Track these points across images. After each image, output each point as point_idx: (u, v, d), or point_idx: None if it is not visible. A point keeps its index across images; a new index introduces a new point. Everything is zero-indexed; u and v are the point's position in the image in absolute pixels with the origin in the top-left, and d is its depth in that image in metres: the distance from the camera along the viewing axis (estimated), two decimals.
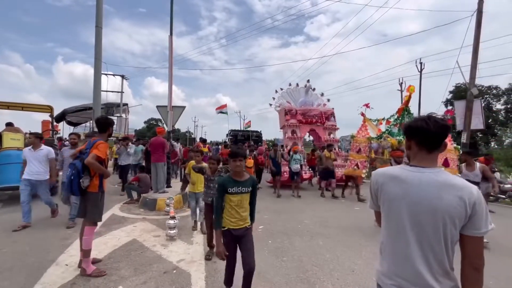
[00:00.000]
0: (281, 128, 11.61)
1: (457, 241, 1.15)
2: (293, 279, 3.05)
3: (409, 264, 1.18)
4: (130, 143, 8.24)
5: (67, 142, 9.75)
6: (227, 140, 20.04)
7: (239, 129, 27.54)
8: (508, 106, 27.67)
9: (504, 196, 8.32)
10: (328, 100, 12.74)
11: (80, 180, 2.84)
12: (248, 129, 25.57)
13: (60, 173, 5.34)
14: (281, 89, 12.59)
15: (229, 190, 2.26)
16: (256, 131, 23.15)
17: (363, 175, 7.87)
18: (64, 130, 25.64)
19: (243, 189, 2.30)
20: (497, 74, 35.25)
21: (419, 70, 21.86)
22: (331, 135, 11.47)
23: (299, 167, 8.33)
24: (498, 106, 28.38)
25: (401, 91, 24.65)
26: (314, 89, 12.56)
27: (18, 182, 4.84)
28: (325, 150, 8.75)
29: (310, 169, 10.56)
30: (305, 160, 10.22)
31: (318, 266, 3.38)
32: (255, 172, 8.70)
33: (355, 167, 7.75)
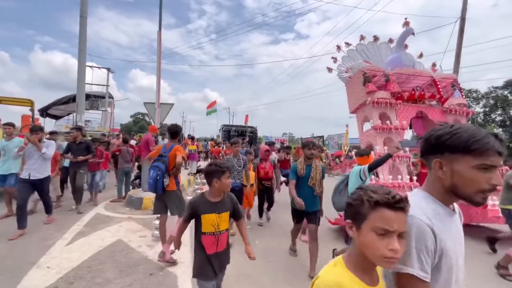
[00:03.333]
0: (352, 112, 6.32)
1: None
2: (280, 280, 3.11)
3: None
4: (44, 138, 4.69)
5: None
6: (215, 137, 19.64)
7: (232, 124, 26.76)
8: (487, 109, 29.11)
9: None
10: (434, 65, 6.85)
11: (163, 180, 3.28)
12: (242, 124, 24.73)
13: None
14: (348, 44, 6.89)
15: None
16: (251, 127, 21.63)
17: None
18: (46, 124, 24.54)
19: None
20: (476, 80, 36.68)
21: None
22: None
23: None
24: (478, 109, 29.78)
25: None
26: (406, 46, 6.67)
27: None
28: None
29: None
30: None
31: (305, 267, 3.43)
32: (260, 192, 5.24)
33: None
